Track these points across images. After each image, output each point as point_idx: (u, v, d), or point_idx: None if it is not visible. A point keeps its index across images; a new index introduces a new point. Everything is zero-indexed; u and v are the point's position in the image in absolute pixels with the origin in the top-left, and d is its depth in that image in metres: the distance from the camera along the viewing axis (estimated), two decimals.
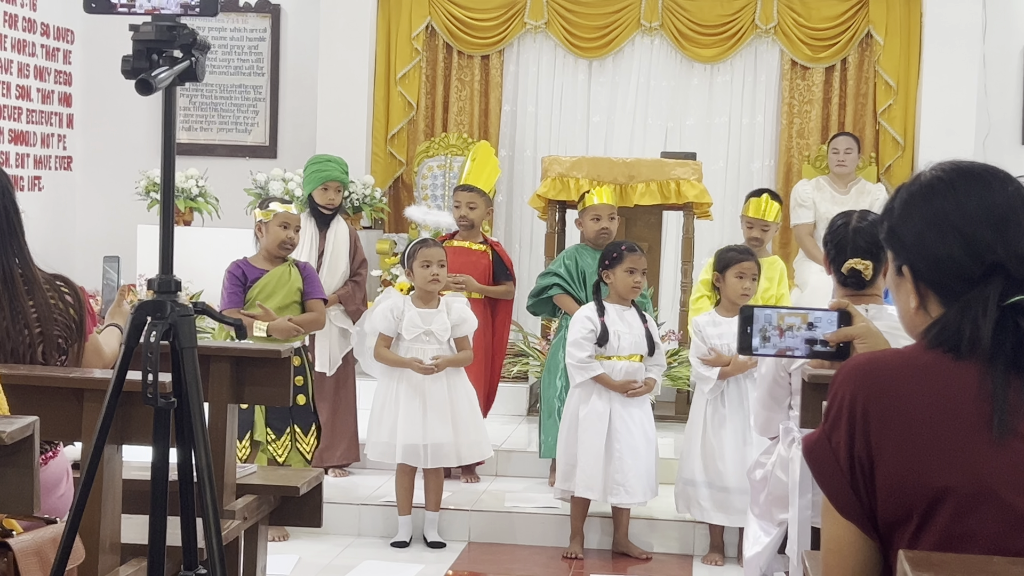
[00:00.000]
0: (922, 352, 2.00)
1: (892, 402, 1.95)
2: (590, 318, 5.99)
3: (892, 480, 1.94)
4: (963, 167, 2.07)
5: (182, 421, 2.60)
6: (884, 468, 1.94)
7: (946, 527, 1.91)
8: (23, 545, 2.72)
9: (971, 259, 1.99)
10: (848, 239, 4.14)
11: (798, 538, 4.10)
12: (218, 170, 9.34)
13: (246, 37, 9.81)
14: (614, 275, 5.99)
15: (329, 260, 6.78)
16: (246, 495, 4.39)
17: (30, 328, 3.33)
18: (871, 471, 1.96)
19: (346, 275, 6.83)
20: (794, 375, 4.20)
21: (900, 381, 1.97)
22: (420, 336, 6.02)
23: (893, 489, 1.94)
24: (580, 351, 5.94)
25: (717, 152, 9.39)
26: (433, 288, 6.03)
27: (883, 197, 8.72)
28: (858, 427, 1.96)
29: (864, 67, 9.33)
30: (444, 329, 6.02)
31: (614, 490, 5.88)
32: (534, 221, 9.10)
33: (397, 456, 5.99)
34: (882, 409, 1.96)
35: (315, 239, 6.79)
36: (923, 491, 1.91)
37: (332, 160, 6.96)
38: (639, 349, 6.00)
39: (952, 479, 1.90)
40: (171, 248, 2.64)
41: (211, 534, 2.57)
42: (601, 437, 5.90)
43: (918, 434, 1.93)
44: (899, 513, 1.94)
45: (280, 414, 5.84)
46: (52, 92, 9.52)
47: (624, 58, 9.50)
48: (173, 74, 2.48)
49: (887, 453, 1.94)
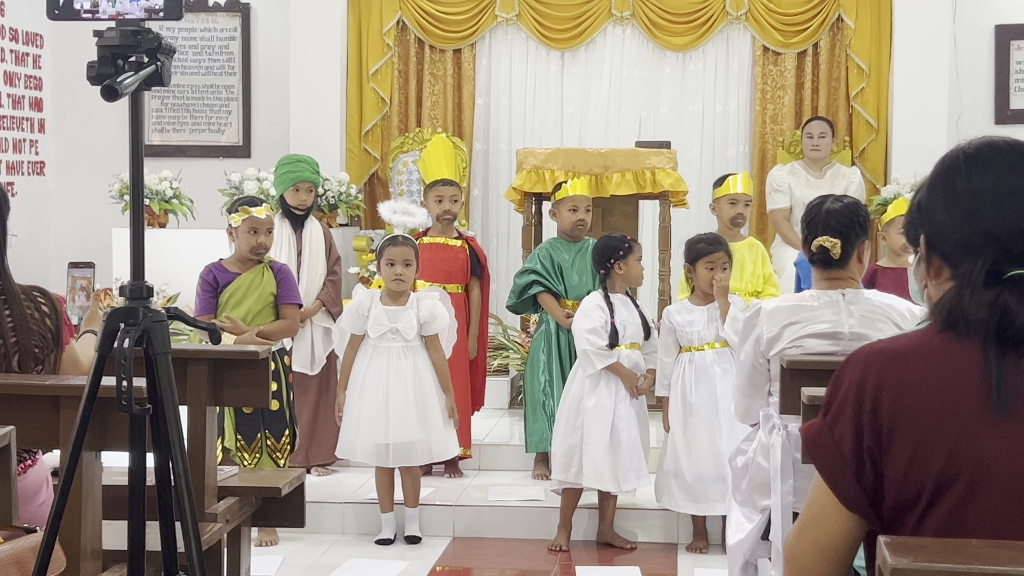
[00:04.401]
0: (932, 335, 1.99)
1: (901, 390, 1.94)
2: (601, 307, 6.00)
3: (901, 469, 1.93)
4: (991, 141, 2.08)
5: (158, 427, 2.59)
6: (893, 457, 1.93)
7: (950, 513, 1.90)
8: (3, 555, 2.71)
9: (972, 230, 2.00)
10: (820, 218, 4.19)
11: (781, 524, 4.11)
12: (192, 171, 9.30)
13: (216, 37, 9.77)
14: (626, 265, 6.02)
15: (308, 260, 6.77)
16: (228, 497, 4.37)
17: (5, 338, 3.31)
18: (880, 461, 1.94)
19: (324, 274, 6.82)
20: (773, 361, 4.21)
21: (908, 367, 1.96)
22: (386, 335, 6.00)
23: (901, 477, 1.93)
24: (598, 339, 5.93)
25: (691, 140, 9.40)
26: (397, 288, 5.99)
27: (858, 180, 8.75)
28: (866, 417, 1.95)
29: (836, 51, 9.35)
30: (410, 327, 5.98)
31: (626, 477, 5.90)
32: (511, 214, 9.10)
33: (358, 455, 6.00)
34: (891, 398, 1.94)
35: (292, 240, 6.78)
36: (930, 478, 1.90)
37: (302, 160, 6.92)
38: (638, 337, 6.03)
39: (957, 465, 1.90)
40: (142, 254, 2.62)
41: (190, 539, 2.57)
42: (608, 427, 5.92)
43: (926, 421, 1.92)
44: (906, 499, 1.93)
45: (250, 421, 5.79)
46: (23, 97, 9.47)
47: (596, 48, 9.50)
48: (139, 79, 2.47)
49: (897, 442, 1.93)
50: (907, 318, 4.14)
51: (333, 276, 6.83)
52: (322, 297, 6.77)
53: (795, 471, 4.13)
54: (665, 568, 5.79)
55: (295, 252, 6.76)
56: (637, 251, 6.09)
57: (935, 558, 1.71)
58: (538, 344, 6.67)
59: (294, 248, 6.76)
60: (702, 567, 5.74)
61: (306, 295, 6.72)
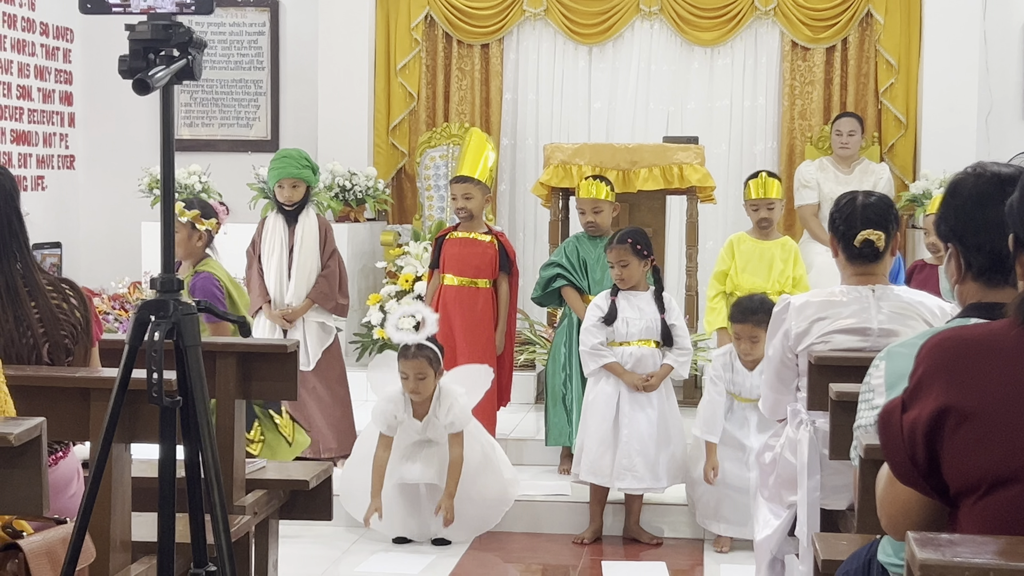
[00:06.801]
0: (1010, 327, 2.00)
1: (968, 380, 1.95)
2: (599, 305, 6.00)
3: (962, 455, 1.94)
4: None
5: (188, 419, 2.61)
6: (957, 442, 1.95)
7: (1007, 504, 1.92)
8: (33, 546, 2.73)
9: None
10: (857, 212, 4.14)
11: (808, 520, 4.11)
12: (220, 165, 9.34)
13: (245, 32, 9.81)
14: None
15: (298, 257, 6.76)
16: (256, 490, 4.39)
17: (33, 330, 3.33)
18: (939, 446, 1.97)
19: (317, 270, 6.80)
20: (801, 357, 4.20)
21: (979, 359, 1.97)
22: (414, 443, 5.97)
23: (962, 463, 1.95)
24: (591, 338, 5.94)
25: (719, 135, 9.37)
26: (417, 400, 5.90)
27: (887, 176, 8.72)
28: (931, 403, 1.97)
29: (865, 47, 9.31)
30: (442, 436, 5.91)
31: (621, 475, 5.88)
32: (537, 209, 9.10)
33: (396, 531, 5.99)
34: (959, 387, 1.96)
35: (284, 236, 6.77)
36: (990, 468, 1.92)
37: (287, 156, 6.83)
38: (651, 335, 5.98)
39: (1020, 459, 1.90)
40: (172, 247, 2.64)
41: (220, 531, 2.58)
42: (607, 422, 5.90)
43: (993, 411, 1.92)
44: (967, 485, 1.96)
45: None
46: (53, 91, 9.53)
47: (624, 43, 9.49)
48: (170, 73, 2.48)
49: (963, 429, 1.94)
50: (938, 315, 4.11)
51: (326, 271, 6.81)
52: (312, 295, 6.75)
53: (822, 467, 4.12)
54: (691, 564, 5.78)
55: (287, 249, 6.76)
56: (608, 256, 6.00)
57: (964, 552, 1.71)
58: (560, 338, 6.67)
59: (285, 245, 6.77)
60: (729, 563, 5.73)
61: (296, 291, 6.74)
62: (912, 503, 2.09)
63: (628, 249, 5.95)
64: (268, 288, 6.77)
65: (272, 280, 6.76)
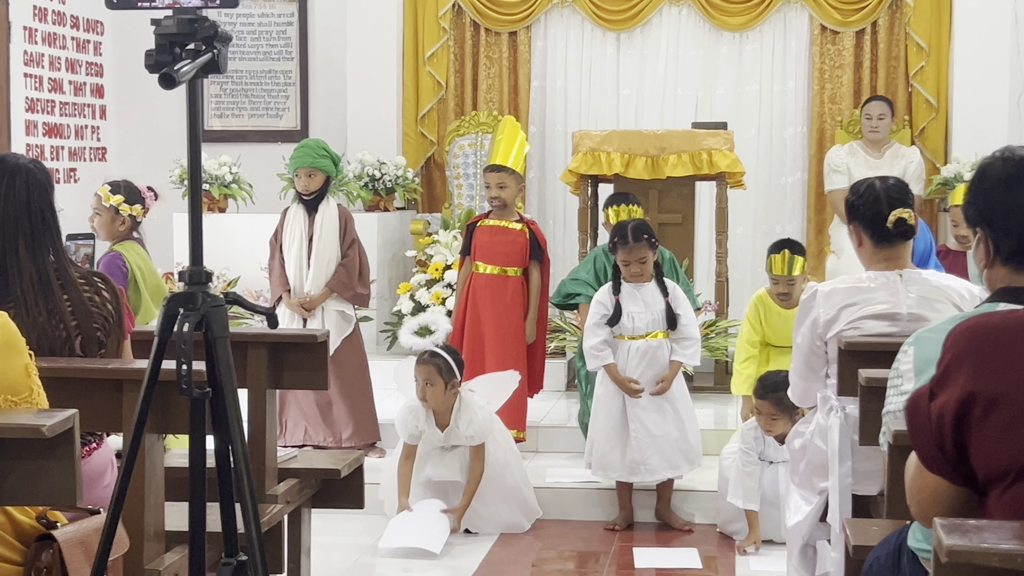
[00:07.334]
0: None
1: (995, 366, 1.95)
2: (603, 302, 5.95)
3: (990, 443, 1.94)
4: None
5: (217, 410, 2.63)
6: (986, 430, 1.95)
7: None
8: (68, 536, 2.76)
9: None
10: (881, 195, 4.11)
11: (839, 506, 4.10)
12: (251, 156, 9.38)
13: (274, 22, 9.84)
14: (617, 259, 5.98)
15: (317, 246, 6.78)
16: (288, 479, 4.42)
17: (66, 323, 3.36)
18: (966, 434, 1.96)
19: (337, 259, 6.82)
20: (830, 344, 4.18)
21: (1005, 346, 1.96)
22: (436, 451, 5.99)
23: (989, 451, 1.94)
24: (592, 337, 5.92)
25: (749, 120, 9.34)
26: (425, 403, 5.92)
27: (918, 160, 8.67)
28: (958, 390, 1.97)
29: (895, 29, 9.25)
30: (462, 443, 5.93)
31: (634, 469, 5.90)
32: (567, 196, 9.10)
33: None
34: (986, 373, 1.95)
35: (304, 225, 6.80)
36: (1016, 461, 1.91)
37: (304, 146, 6.86)
38: (658, 326, 5.94)
39: None
40: (200, 240, 2.66)
41: (250, 521, 2.60)
42: (614, 418, 5.90)
43: (1018, 401, 1.92)
44: (994, 473, 1.95)
45: None
46: (84, 84, 9.58)
47: (652, 29, 9.47)
48: (195, 67, 2.50)
49: (991, 417, 1.94)
50: (967, 298, 4.08)
51: (345, 260, 6.83)
52: (331, 284, 6.78)
53: (853, 453, 4.11)
54: (723, 551, 5.78)
55: (306, 239, 6.79)
56: (622, 254, 5.89)
57: (989, 539, 1.71)
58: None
59: (305, 235, 6.80)
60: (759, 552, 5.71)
61: (315, 280, 6.76)
62: (941, 491, 2.08)
63: (646, 245, 5.89)
64: (288, 277, 6.81)
65: (292, 269, 6.80)
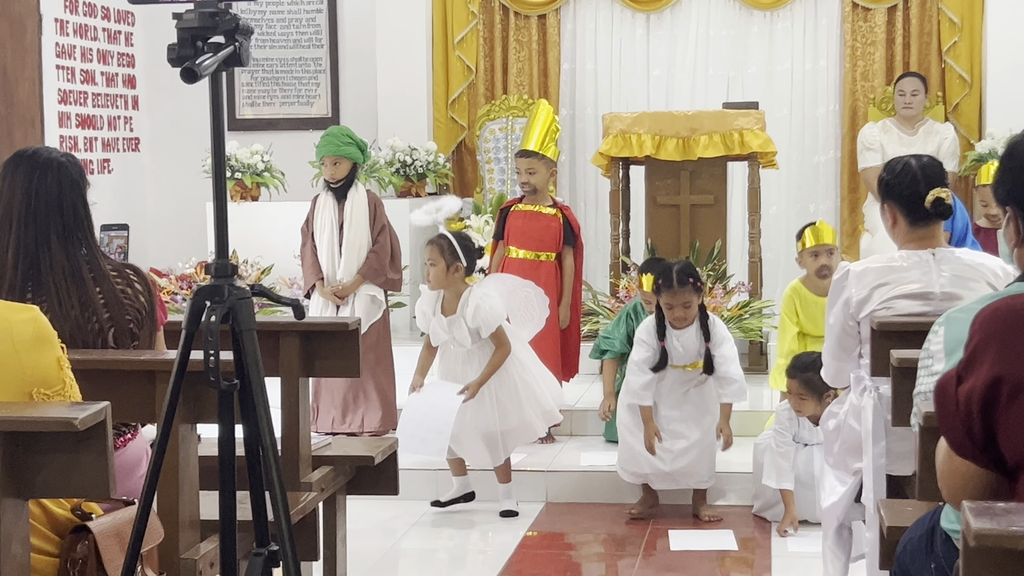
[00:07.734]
0: None
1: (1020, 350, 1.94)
2: (647, 342, 5.84)
3: (1015, 429, 1.93)
4: None
5: (245, 401, 2.64)
6: (1008, 416, 1.94)
7: None
8: (103, 527, 2.78)
9: None
10: (918, 174, 4.08)
11: (873, 487, 4.08)
12: (282, 144, 9.40)
13: (303, 10, 9.85)
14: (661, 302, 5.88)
15: (348, 233, 6.79)
16: (322, 467, 4.44)
17: (99, 316, 3.38)
18: (994, 418, 1.96)
19: (368, 245, 6.83)
20: (863, 324, 4.17)
21: None
22: (447, 343, 6.00)
23: (1016, 438, 1.94)
24: (641, 375, 5.82)
25: (781, 100, 9.29)
26: (428, 286, 5.97)
27: (952, 136, 8.60)
28: (985, 374, 1.96)
29: (927, 5, 9.17)
30: (465, 338, 5.89)
31: (662, 478, 5.89)
32: (598, 179, 9.08)
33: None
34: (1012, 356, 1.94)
35: (334, 213, 6.81)
36: None
37: (329, 134, 6.86)
38: (698, 358, 5.85)
39: None
40: (226, 232, 2.67)
41: (279, 511, 2.62)
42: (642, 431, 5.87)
43: None
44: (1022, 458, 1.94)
45: None
46: (116, 75, 9.63)
47: (682, 10, 9.43)
48: (217, 60, 2.51)
49: (1015, 403, 1.93)
50: (1000, 276, 4.06)
51: (376, 246, 6.84)
52: (363, 271, 6.79)
53: (887, 433, 4.09)
54: (758, 532, 5.77)
55: (336, 226, 6.81)
56: (666, 297, 5.76)
57: (1019, 522, 1.70)
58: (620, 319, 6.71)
59: (336, 222, 6.81)
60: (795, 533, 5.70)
61: (347, 268, 6.78)
62: (971, 476, 2.07)
63: (691, 289, 5.75)
64: (320, 264, 6.83)
65: (324, 257, 6.82)
